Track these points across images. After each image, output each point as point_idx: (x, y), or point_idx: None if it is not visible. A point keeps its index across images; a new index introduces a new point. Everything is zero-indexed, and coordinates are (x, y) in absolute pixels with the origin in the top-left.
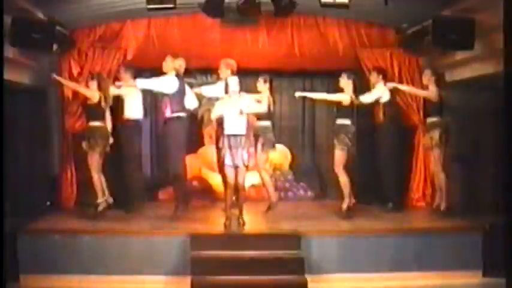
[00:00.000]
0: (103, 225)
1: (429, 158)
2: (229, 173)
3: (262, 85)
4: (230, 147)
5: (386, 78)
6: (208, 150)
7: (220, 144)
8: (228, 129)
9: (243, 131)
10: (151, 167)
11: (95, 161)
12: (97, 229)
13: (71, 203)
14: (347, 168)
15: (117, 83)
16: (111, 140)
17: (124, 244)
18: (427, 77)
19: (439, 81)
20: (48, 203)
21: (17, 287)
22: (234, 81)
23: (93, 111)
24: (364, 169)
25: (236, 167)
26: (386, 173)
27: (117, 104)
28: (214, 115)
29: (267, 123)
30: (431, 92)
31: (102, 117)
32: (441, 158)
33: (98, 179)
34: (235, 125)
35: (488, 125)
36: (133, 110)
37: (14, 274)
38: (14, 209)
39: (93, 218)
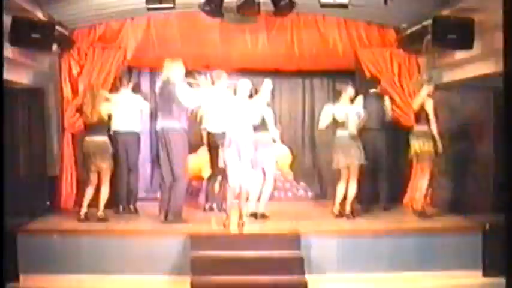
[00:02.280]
0: (103, 225)
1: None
2: (232, 174)
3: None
4: (233, 149)
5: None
6: None
7: (224, 145)
8: (230, 131)
9: (247, 133)
10: (151, 169)
11: (103, 175)
12: (97, 229)
13: (70, 203)
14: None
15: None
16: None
17: (124, 244)
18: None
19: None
20: (48, 203)
21: (17, 287)
22: (245, 85)
23: (94, 126)
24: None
25: (239, 168)
26: (385, 174)
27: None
28: (220, 116)
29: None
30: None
31: (102, 132)
32: (428, 166)
33: (105, 193)
34: (240, 127)
35: (487, 125)
36: (121, 122)
37: (13, 274)
38: (14, 209)
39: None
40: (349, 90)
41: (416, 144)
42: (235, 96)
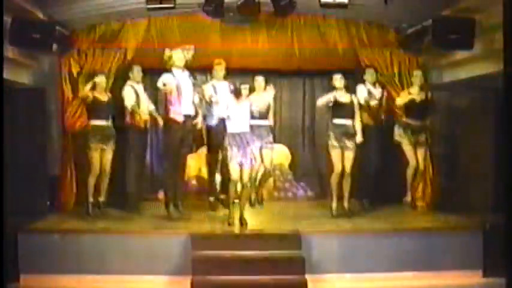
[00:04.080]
0: (103, 225)
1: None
2: (234, 171)
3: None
4: (235, 146)
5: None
6: None
7: (225, 143)
8: (232, 128)
9: (248, 129)
10: (151, 167)
11: (108, 162)
12: (97, 229)
13: (71, 203)
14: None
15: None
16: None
17: (124, 244)
18: (418, 78)
19: (426, 84)
20: (48, 202)
21: (17, 287)
22: (245, 89)
23: (98, 109)
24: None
25: (241, 165)
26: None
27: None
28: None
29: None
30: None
31: (107, 117)
32: (411, 156)
33: (107, 179)
34: (240, 123)
35: (487, 125)
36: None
37: (14, 274)
38: (14, 209)
39: (92, 217)
40: (340, 81)
41: (402, 134)
42: (236, 98)
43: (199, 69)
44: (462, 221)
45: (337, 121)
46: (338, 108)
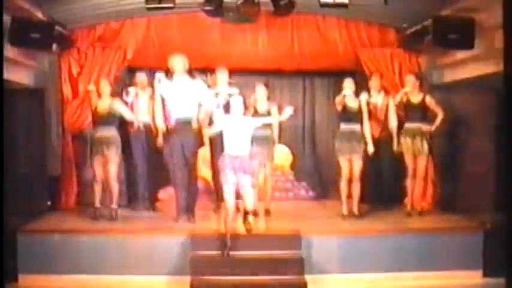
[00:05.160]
0: (103, 225)
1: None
2: (229, 195)
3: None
4: (231, 169)
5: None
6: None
7: (221, 164)
8: (229, 149)
9: (246, 152)
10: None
11: (113, 169)
12: (97, 229)
13: (71, 203)
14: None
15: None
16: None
17: (124, 244)
18: (411, 83)
19: (422, 86)
20: (48, 203)
21: (16, 287)
22: (238, 102)
23: (106, 119)
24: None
25: (238, 189)
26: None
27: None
28: (214, 132)
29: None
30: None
31: (115, 125)
32: (411, 164)
33: (116, 186)
34: (237, 146)
35: (487, 125)
36: (143, 114)
37: (13, 274)
38: (14, 209)
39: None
40: (350, 85)
41: (407, 141)
42: (229, 114)
43: (198, 70)
44: (463, 221)
45: (344, 126)
46: (346, 113)
